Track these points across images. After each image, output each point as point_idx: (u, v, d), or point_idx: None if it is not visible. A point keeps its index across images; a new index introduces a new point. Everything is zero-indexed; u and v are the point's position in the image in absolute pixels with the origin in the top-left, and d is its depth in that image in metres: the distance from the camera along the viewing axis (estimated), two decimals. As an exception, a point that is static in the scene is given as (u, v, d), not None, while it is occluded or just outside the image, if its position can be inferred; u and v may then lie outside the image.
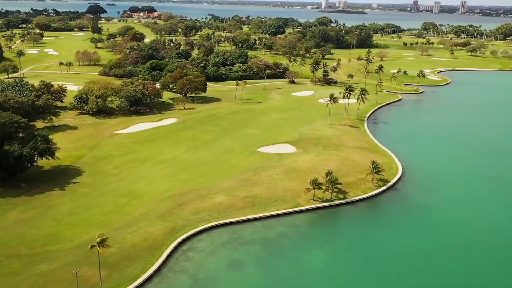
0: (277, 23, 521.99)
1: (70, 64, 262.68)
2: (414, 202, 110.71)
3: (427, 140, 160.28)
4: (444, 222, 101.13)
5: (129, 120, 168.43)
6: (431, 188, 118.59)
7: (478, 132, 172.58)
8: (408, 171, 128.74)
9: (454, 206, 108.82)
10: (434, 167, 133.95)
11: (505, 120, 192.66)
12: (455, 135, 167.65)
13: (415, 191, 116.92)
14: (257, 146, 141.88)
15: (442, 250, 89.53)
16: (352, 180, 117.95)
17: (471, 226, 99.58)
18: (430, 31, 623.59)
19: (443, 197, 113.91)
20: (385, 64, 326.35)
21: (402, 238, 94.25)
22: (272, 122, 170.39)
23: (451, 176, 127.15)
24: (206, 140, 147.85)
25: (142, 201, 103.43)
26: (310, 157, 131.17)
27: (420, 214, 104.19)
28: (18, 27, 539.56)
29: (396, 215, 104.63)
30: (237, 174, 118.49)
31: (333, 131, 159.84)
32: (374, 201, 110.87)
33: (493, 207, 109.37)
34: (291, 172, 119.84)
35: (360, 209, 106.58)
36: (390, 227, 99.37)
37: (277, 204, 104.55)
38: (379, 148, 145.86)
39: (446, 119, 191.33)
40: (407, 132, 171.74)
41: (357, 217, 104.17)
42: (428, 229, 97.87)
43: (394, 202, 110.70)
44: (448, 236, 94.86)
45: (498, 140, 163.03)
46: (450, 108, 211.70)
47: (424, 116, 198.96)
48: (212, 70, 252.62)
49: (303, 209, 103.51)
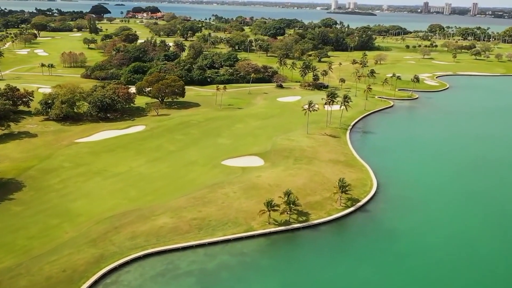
0: (277, 25, 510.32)
1: (51, 66, 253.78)
2: (383, 226, 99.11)
3: (412, 152, 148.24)
4: (414, 251, 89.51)
5: (95, 127, 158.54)
6: (406, 210, 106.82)
7: (468, 144, 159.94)
8: (383, 188, 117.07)
9: (429, 232, 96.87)
10: (413, 184, 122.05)
11: (499, 130, 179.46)
12: (443, 146, 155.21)
13: (386, 213, 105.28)
14: (223, 158, 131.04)
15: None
16: (317, 200, 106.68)
17: (446, 258, 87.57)
18: (436, 33, 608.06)
19: (418, 220, 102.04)
20: (383, 67, 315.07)
21: (363, 272, 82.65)
22: (247, 131, 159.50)
23: (430, 195, 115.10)
24: (170, 150, 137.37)
25: (75, 222, 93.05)
26: (276, 172, 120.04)
27: (388, 242, 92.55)
28: (17, 27, 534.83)
29: (360, 242, 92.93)
30: (191, 191, 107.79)
31: (310, 141, 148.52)
32: (338, 224, 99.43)
33: (474, 234, 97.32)
34: (251, 189, 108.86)
35: (320, 235, 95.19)
36: (350, 257, 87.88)
37: (227, 227, 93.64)
38: (357, 161, 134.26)
39: (437, 129, 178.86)
40: (392, 142, 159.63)
41: (315, 244, 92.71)
42: (394, 261, 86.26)
43: (360, 227, 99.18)
44: (416, 271, 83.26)
45: (489, 153, 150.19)
46: (443, 116, 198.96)
47: (414, 125, 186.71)
48: (197, 73, 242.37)
49: (254, 234, 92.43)
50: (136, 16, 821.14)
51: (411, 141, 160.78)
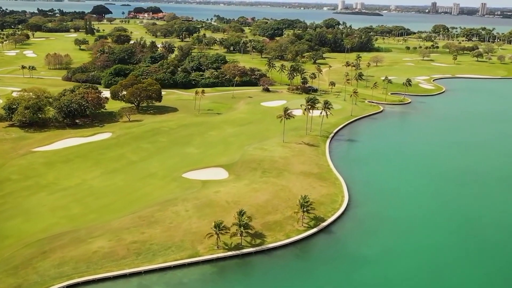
0: (277, 25, 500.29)
1: (32, 68, 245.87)
2: (347, 251, 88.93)
3: (393, 163, 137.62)
4: (378, 283, 79.40)
5: (59, 134, 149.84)
6: (375, 231, 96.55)
7: (456, 153, 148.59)
8: (355, 205, 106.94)
9: (396, 260, 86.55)
10: (389, 200, 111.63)
11: (491, 137, 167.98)
12: (428, 157, 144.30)
13: (353, 235, 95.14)
14: (186, 170, 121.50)
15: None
16: (277, 219, 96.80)
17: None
18: (440, 34, 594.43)
19: (386, 244, 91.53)
20: (379, 70, 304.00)
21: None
22: (220, 139, 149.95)
23: (405, 214, 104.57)
24: (132, 161, 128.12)
25: (0, 246, 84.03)
26: (238, 187, 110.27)
27: (349, 271, 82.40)
28: (14, 27, 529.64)
29: (318, 270, 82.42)
30: (139, 209, 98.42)
31: (285, 151, 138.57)
32: (297, 248, 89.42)
33: (448, 264, 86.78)
34: (206, 207, 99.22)
35: (275, 261, 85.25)
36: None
37: (170, 252, 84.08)
38: (331, 174, 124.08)
39: (425, 136, 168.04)
40: (374, 152, 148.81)
41: (267, 272, 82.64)
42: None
43: (321, 251, 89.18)
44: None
45: (477, 164, 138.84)
46: (434, 122, 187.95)
47: (401, 132, 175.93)
48: (181, 76, 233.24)
49: (199, 261, 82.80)
50: (137, 16, 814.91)
51: (395, 151, 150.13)
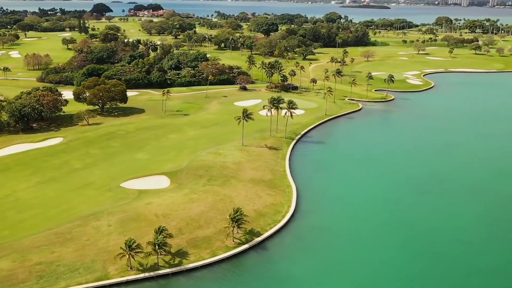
0: (271, 21, 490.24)
1: (7, 69, 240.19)
2: (277, 273, 79.61)
3: (357, 168, 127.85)
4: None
5: (9, 140, 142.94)
6: (313, 249, 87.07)
7: (426, 157, 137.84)
8: (299, 217, 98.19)
9: (330, 282, 77.88)
10: (338, 211, 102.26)
11: (469, 138, 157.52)
12: (398, 161, 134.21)
13: (288, 253, 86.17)
14: (127, 178, 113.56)
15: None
16: (207, 234, 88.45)
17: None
18: (442, 26, 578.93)
19: (322, 265, 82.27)
20: (369, 65, 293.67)
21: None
22: (176, 143, 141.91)
23: (352, 227, 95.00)
24: (74, 168, 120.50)
25: None
26: (175, 197, 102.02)
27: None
28: (9, 27, 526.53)
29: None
30: (59, 224, 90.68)
31: (241, 155, 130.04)
32: (221, 268, 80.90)
33: (390, 283, 77.84)
34: (131, 221, 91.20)
35: (192, 284, 76.89)
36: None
37: (76, 275, 76.13)
38: (284, 180, 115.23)
39: (398, 137, 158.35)
40: (341, 156, 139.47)
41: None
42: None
43: (247, 272, 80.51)
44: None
45: (446, 170, 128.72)
46: (412, 121, 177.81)
47: (375, 133, 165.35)
48: (156, 75, 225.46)
49: (105, 284, 74.80)
50: (137, 14, 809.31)
51: (363, 154, 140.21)
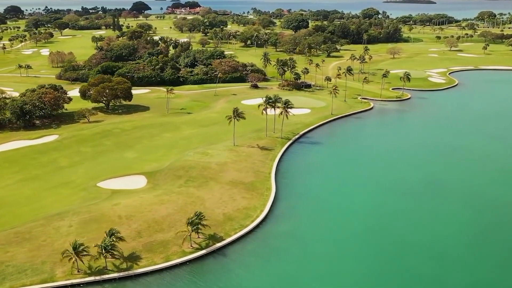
0: (300, 17, 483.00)
1: (28, 66, 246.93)
2: (227, 282, 76.29)
3: (350, 172, 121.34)
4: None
5: (8, 136, 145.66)
6: (275, 257, 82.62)
7: (427, 160, 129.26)
8: (270, 222, 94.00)
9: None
10: (314, 218, 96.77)
11: (477, 140, 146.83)
12: (394, 164, 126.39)
13: (246, 261, 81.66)
14: (106, 177, 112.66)
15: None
16: (167, 238, 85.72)
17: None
18: (484, 21, 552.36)
19: (278, 276, 78.04)
20: (395, 62, 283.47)
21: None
22: (169, 142, 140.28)
23: (324, 236, 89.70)
24: (59, 166, 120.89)
25: None
26: (145, 198, 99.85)
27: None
28: (49, 26, 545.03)
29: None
30: (23, 223, 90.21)
31: (229, 155, 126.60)
32: (171, 274, 77.93)
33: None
34: (93, 222, 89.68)
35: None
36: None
37: (22, 276, 75.19)
38: (266, 183, 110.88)
39: (402, 139, 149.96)
40: (335, 158, 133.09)
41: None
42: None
43: (197, 280, 77.05)
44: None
45: (444, 174, 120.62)
46: (423, 121, 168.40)
47: (378, 134, 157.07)
48: (169, 72, 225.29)
49: (48, 287, 73.48)
50: (174, 11, 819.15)
51: (360, 157, 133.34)
